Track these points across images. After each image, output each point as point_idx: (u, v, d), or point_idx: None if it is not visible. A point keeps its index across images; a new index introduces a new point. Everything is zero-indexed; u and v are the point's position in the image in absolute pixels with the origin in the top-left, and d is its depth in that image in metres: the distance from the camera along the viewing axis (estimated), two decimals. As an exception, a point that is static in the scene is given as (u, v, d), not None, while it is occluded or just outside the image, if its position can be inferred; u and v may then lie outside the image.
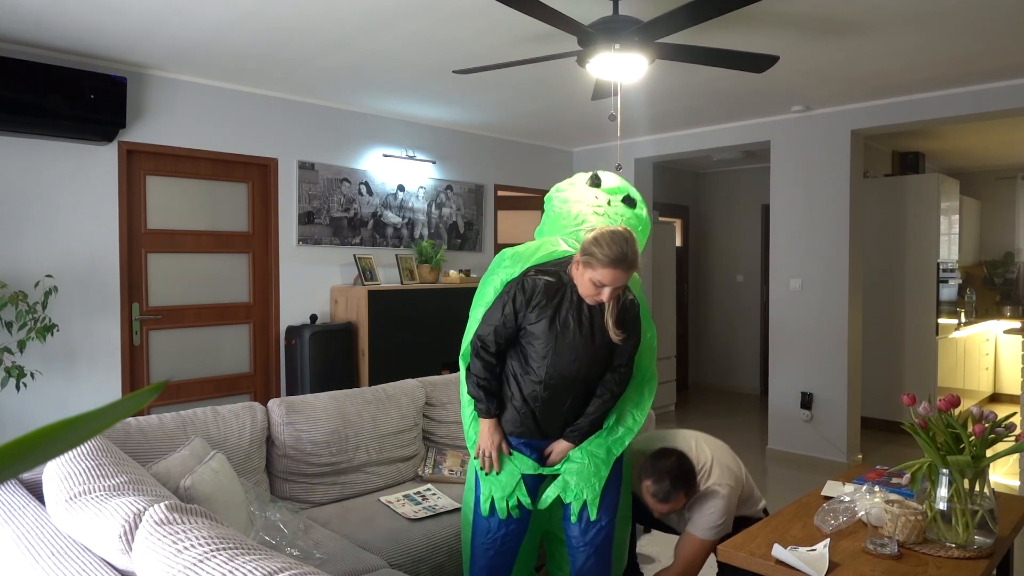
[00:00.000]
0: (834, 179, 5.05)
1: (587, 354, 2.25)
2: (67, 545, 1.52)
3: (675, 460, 2.43)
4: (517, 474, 2.34)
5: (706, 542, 2.48)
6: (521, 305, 2.23)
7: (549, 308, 2.22)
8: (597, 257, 2.10)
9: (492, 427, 2.34)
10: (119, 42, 3.54)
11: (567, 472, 2.34)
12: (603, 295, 2.14)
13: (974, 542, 2.07)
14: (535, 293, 2.22)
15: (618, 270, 2.09)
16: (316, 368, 4.45)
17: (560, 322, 2.22)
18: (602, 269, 2.09)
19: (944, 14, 3.16)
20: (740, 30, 3.30)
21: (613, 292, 2.14)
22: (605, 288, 2.13)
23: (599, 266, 2.09)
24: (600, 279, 2.11)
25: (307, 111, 4.75)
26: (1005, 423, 2.12)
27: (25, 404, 3.61)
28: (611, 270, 2.09)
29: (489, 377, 2.32)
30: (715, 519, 2.45)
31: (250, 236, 4.60)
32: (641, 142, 6.11)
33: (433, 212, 5.55)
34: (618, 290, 2.16)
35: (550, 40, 3.33)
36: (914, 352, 6.01)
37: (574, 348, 2.23)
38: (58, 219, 3.76)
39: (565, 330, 2.22)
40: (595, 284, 2.13)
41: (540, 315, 2.22)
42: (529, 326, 2.24)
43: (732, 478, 2.52)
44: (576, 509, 2.35)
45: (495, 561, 2.39)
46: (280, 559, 1.22)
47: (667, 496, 2.40)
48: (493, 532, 2.38)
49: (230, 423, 2.73)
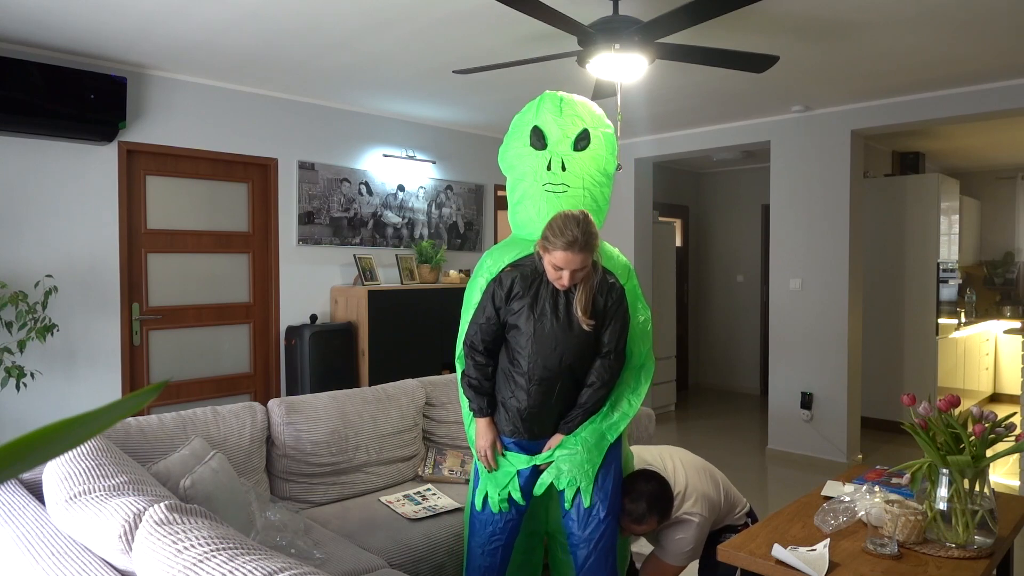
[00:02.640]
0: (834, 179, 5.05)
1: (567, 342, 2.26)
2: (67, 545, 1.52)
3: (655, 485, 2.45)
4: (512, 470, 2.36)
5: (673, 567, 2.53)
6: (501, 300, 2.27)
7: (527, 298, 2.25)
8: (551, 241, 2.16)
9: (485, 426, 2.37)
10: (119, 42, 3.54)
11: (560, 459, 2.34)
12: (563, 277, 2.18)
13: (974, 542, 2.07)
14: (512, 285, 2.26)
15: (570, 252, 2.13)
16: (316, 368, 4.45)
17: (538, 311, 2.25)
18: (557, 252, 2.14)
19: (944, 14, 3.16)
20: (740, 30, 3.30)
21: (573, 275, 2.18)
22: (564, 271, 2.17)
23: (554, 250, 2.15)
24: (557, 263, 2.16)
25: (307, 111, 4.75)
26: (1005, 423, 2.12)
27: (25, 404, 3.61)
28: (564, 253, 2.13)
29: (480, 377, 2.35)
30: (684, 546, 2.47)
31: (250, 236, 4.60)
32: (641, 142, 6.11)
33: (433, 212, 5.55)
34: (579, 273, 2.19)
35: (550, 40, 3.33)
36: (914, 352, 6.01)
37: (554, 336, 2.25)
38: (58, 219, 3.76)
39: (543, 318, 2.25)
40: (555, 268, 2.18)
41: (519, 306, 2.25)
42: (511, 318, 2.28)
43: (707, 506, 2.53)
44: (570, 496, 2.34)
45: (487, 560, 2.41)
46: (280, 559, 1.22)
47: (640, 519, 2.41)
48: (486, 530, 2.40)
49: (230, 423, 2.73)
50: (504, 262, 2.34)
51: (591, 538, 2.36)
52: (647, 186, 6.38)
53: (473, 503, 2.45)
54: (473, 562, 2.44)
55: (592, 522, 2.36)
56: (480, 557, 2.42)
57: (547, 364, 2.26)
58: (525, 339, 2.26)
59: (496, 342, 2.34)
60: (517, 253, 2.35)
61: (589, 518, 2.36)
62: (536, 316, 2.25)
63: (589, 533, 2.36)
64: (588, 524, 2.36)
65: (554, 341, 2.25)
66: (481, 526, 2.42)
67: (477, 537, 2.43)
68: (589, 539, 2.36)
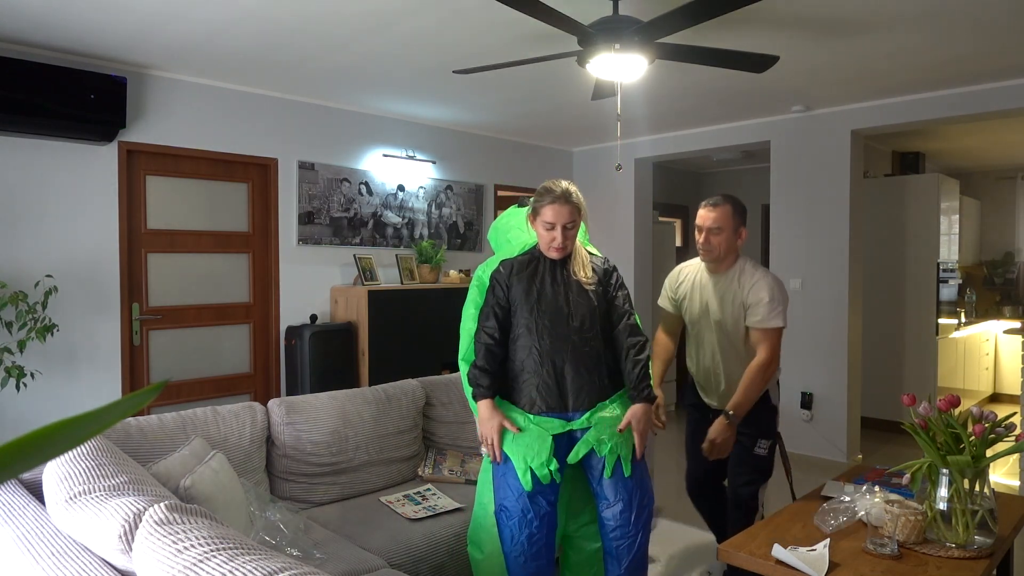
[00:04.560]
0: (834, 179, 5.05)
1: (572, 302, 2.35)
2: (67, 545, 1.52)
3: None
4: (547, 436, 2.28)
5: (777, 329, 2.75)
6: (504, 282, 2.39)
7: (526, 275, 2.39)
8: (539, 201, 2.35)
9: (489, 408, 2.31)
10: (119, 42, 3.54)
11: (599, 425, 2.29)
12: (556, 236, 2.31)
13: (974, 542, 2.07)
14: (512, 268, 2.41)
15: (557, 204, 2.31)
16: (316, 368, 4.45)
17: (539, 283, 2.38)
18: (546, 208, 2.32)
19: (944, 14, 3.16)
20: (740, 30, 3.30)
21: (564, 233, 2.32)
22: (556, 228, 2.31)
23: (543, 208, 2.33)
24: (547, 219, 2.31)
25: (307, 111, 4.75)
26: (1005, 423, 2.12)
27: (25, 404, 3.61)
28: (553, 206, 2.31)
29: (488, 359, 2.35)
30: (771, 294, 2.71)
31: (250, 236, 4.60)
32: (641, 142, 6.11)
33: (433, 212, 5.55)
34: (570, 232, 2.33)
35: (550, 40, 3.33)
36: (914, 352, 6.01)
37: (556, 300, 2.35)
38: (58, 219, 3.76)
39: (544, 287, 2.37)
40: (547, 228, 2.32)
41: (520, 282, 2.38)
42: (515, 295, 2.38)
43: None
44: (611, 463, 2.29)
45: (532, 566, 2.26)
46: (280, 559, 1.22)
47: (716, 204, 2.78)
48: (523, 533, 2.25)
49: (230, 423, 2.73)
50: (498, 263, 2.48)
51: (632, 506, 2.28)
52: (647, 186, 6.38)
53: (501, 507, 2.30)
54: (520, 573, 2.28)
55: (637, 491, 2.30)
56: (525, 566, 2.26)
57: (556, 326, 2.31)
58: (528, 312, 2.34)
59: (504, 326, 2.37)
60: (507, 257, 2.50)
61: (630, 486, 2.30)
62: (538, 285, 2.37)
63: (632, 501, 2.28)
64: (631, 490, 2.29)
65: (557, 303, 2.34)
66: (518, 531, 2.26)
67: (516, 546, 2.27)
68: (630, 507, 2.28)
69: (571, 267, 2.40)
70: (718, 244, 2.81)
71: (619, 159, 6.12)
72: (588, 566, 2.49)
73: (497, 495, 2.35)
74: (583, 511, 2.48)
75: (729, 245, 2.83)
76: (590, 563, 2.49)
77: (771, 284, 2.77)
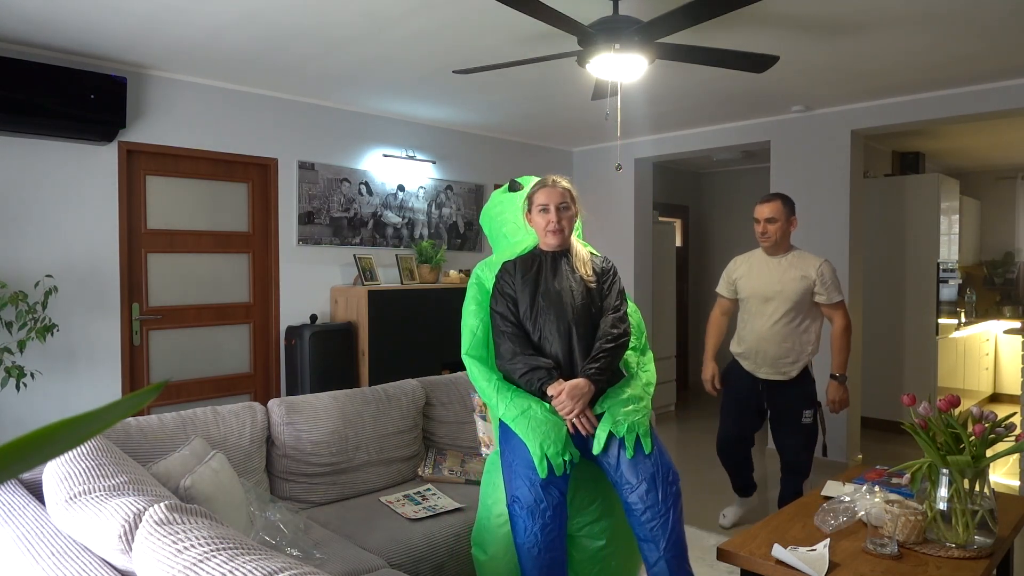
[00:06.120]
0: (834, 179, 5.05)
1: (573, 300, 2.42)
2: (67, 545, 1.52)
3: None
4: (562, 425, 2.29)
5: (842, 301, 3.40)
6: (509, 279, 2.48)
7: (531, 274, 2.48)
8: (533, 189, 2.49)
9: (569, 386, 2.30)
10: (119, 42, 3.54)
11: (612, 407, 2.33)
12: (551, 218, 2.43)
13: (974, 542, 2.07)
14: (516, 267, 2.50)
15: (548, 187, 2.46)
16: (316, 368, 4.45)
17: (543, 279, 2.46)
18: (538, 193, 2.47)
19: (944, 14, 3.16)
20: (740, 30, 3.30)
21: (560, 214, 2.43)
22: (550, 209, 2.43)
23: (535, 194, 2.48)
24: (542, 201, 2.45)
25: (307, 111, 4.75)
26: (1005, 423, 2.12)
27: (25, 404, 3.61)
28: (544, 189, 2.46)
29: (522, 343, 2.39)
30: (832, 276, 3.37)
31: (250, 236, 4.60)
32: (641, 142, 6.11)
33: (433, 212, 5.55)
34: (565, 214, 2.44)
35: (550, 40, 3.33)
36: (914, 352, 6.01)
37: (559, 294, 2.43)
38: (58, 219, 3.76)
39: (547, 284, 2.45)
40: (542, 211, 2.45)
41: (524, 278, 2.47)
42: (519, 290, 2.47)
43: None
44: (631, 443, 2.28)
45: (547, 557, 2.23)
46: (280, 559, 1.22)
47: (769, 199, 3.39)
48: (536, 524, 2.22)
49: (230, 423, 2.73)
50: (498, 264, 2.54)
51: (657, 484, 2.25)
52: (647, 186, 6.38)
53: (514, 499, 2.28)
54: (533, 565, 2.24)
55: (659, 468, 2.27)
56: (539, 557, 2.22)
57: (560, 320, 2.39)
58: (534, 303, 2.42)
59: (520, 320, 2.44)
60: (506, 257, 2.56)
61: (650, 464, 2.27)
62: (543, 281, 2.45)
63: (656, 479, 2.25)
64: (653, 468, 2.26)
65: (561, 298, 2.42)
66: (531, 522, 2.23)
67: (529, 536, 2.23)
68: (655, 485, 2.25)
69: (573, 263, 2.49)
70: (774, 231, 3.44)
71: (619, 159, 6.12)
72: (591, 564, 2.50)
73: (509, 488, 2.32)
74: (586, 509, 2.48)
75: (783, 232, 3.46)
76: (593, 561, 2.49)
77: (831, 268, 3.43)
